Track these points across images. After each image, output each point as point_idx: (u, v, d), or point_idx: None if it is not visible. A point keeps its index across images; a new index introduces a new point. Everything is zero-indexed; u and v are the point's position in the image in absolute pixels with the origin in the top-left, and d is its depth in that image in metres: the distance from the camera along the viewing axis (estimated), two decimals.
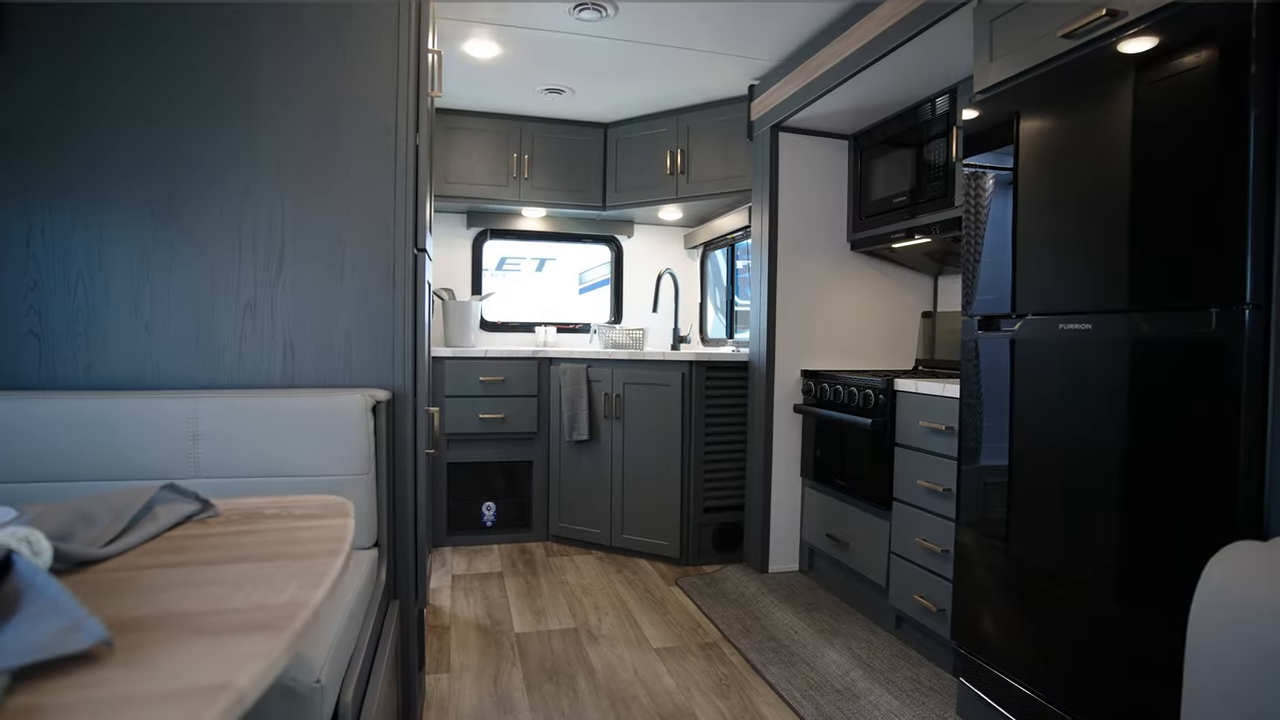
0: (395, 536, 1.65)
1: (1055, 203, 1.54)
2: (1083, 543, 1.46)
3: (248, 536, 0.79)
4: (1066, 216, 1.51)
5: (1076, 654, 1.47)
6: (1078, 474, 1.47)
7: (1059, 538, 1.52)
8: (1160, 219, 1.31)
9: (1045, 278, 1.57)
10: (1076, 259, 1.48)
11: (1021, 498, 1.63)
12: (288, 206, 1.60)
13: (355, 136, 1.63)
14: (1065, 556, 1.51)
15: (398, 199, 1.65)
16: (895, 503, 2.33)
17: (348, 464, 1.48)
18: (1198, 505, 1.23)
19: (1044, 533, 1.56)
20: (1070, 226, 1.50)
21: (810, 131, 2.97)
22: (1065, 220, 1.51)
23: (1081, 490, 1.47)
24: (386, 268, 1.65)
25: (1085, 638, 1.45)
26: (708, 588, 2.84)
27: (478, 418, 3.34)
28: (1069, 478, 1.50)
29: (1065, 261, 1.51)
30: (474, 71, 3.04)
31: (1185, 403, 1.26)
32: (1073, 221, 1.49)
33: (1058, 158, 1.53)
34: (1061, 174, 1.53)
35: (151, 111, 1.53)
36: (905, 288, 3.11)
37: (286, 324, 1.60)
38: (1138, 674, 1.33)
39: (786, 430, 2.98)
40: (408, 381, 1.66)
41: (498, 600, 2.73)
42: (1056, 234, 1.54)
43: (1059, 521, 1.52)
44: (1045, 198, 1.57)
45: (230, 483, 1.42)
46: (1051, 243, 1.55)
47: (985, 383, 1.74)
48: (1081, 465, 1.46)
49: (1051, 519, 1.54)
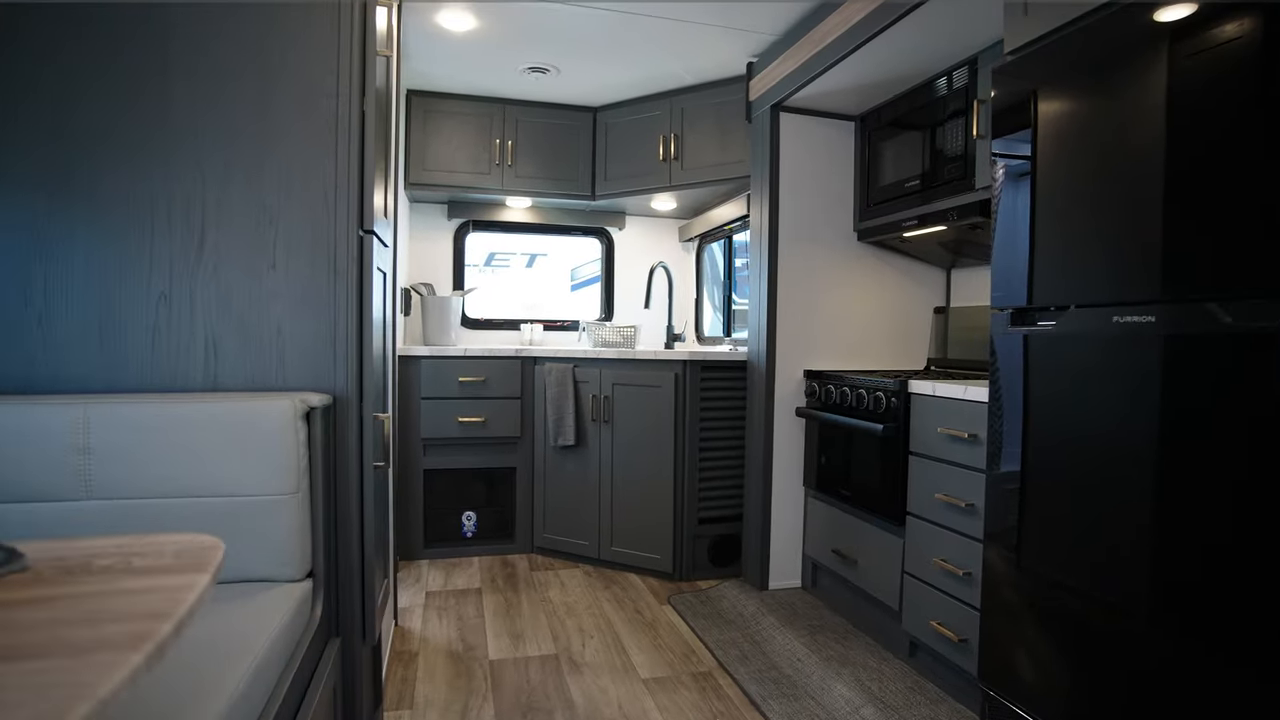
0: (336, 565, 1.42)
1: (1108, 175, 1.31)
2: (1151, 572, 1.24)
3: (44, 607, 0.57)
4: (1121, 190, 1.28)
5: (1141, 707, 1.25)
6: (1142, 488, 1.25)
7: (1118, 565, 1.30)
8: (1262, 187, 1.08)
9: (1093, 264, 1.34)
10: (1133, 240, 1.26)
11: (1069, 517, 1.41)
12: (209, 181, 1.37)
13: (289, 101, 1.40)
14: (1125, 587, 1.28)
15: (340, 173, 1.42)
16: (909, 517, 2.10)
17: (272, 482, 1.26)
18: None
19: (1098, 559, 1.34)
20: (1124, 202, 1.27)
21: (813, 112, 2.75)
22: (1118, 195, 1.29)
23: (1147, 507, 1.24)
24: (327, 252, 1.42)
25: (1158, 689, 1.23)
26: (702, 607, 2.61)
27: (456, 421, 3.11)
28: (1130, 492, 1.27)
29: (1119, 243, 1.29)
30: (450, 47, 2.81)
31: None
32: (1128, 196, 1.27)
33: (1110, 123, 1.31)
34: (1112, 141, 1.30)
35: (41, 75, 1.30)
36: (916, 281, 2.88)
37: (208, 317, 1.38)
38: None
39: (788, 435, 2.76)
40: (352, 384, 1.43)
41: (473, 621, 2.50)
42: (1106, 211, 1.31)
43: (1119, 545, 1.30)
44: (1093, 170, 1.34)
45: (127, 506, 1.19)
46: (1099, 222, 1.32)
47: (1020, 386, 1.52)
48: (1147, 479, 1.24)
49: (1108, 542, 1.32)
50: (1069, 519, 1.39)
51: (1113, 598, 1.29)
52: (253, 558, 1.26)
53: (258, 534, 1.26)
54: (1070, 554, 1.39)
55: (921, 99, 2.39)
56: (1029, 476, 1.50)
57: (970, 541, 1.83)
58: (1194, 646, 1.15)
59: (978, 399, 1.80)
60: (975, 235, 2.35)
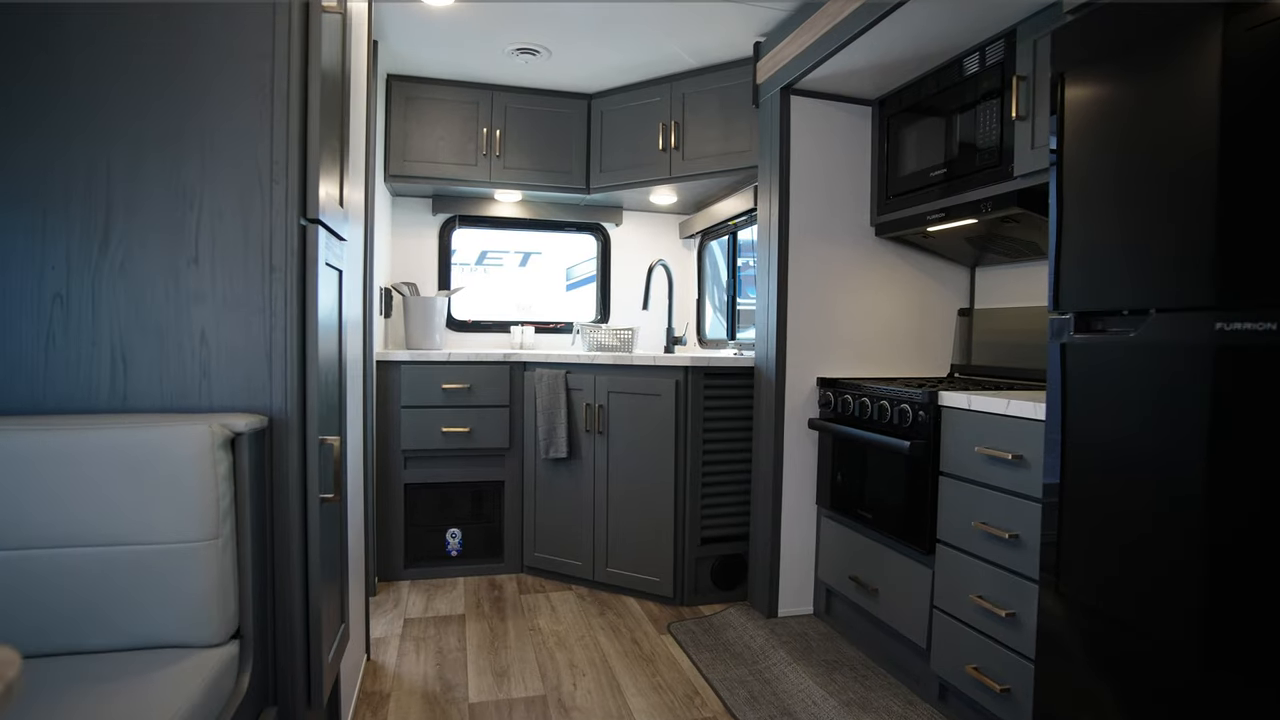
0: (272, 621, 1.18)
1: (1206, 153, 1.08)
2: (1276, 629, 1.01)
3: None
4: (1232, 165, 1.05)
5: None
6: (1252, 524, 1.02)
7: (1222, 617, 1.07)
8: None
9: (1187, 260, 1.11)
10: (1248, 233, 1.03)
11: (1155, 557, 1.18)
12: (116, 159, 1.14)
13: (214, 65, 1.17)
14: (1233, 646, 1.05)
15: (277, 150, 1.18)
16: (940, 545, 1.87)
17: (186, 526, 1.02)
18: None
19: (1191, 604, 1.11)
20: (1236, 185, 1.04)
21: (827, 95, 2.51)
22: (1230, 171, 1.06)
23: (1263, 548, 1.01)
24: (261, 245, 1.19)
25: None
26: (706, 636, 2.38)
27: (440, 431, 2.88)
28: (1221, 533, 1.04)
29: (1226, 236, 1.06)
30: (431, 25, 2.58)
31: None
32: (1243, 176, 1.04)
33: (1204, 83, 1.08)
34: (1200, 104, 1.07)
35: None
36: (938, 280, 2.65)
37: (115, 322, 1.14)
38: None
39: (800, 449, 2.53)
40: (292, 402, 1.19)
41: (454, 655, 2.26)
42: (1204, 196, 1.08)
43: (1224, 595, 1.07)
44: (1193, 146, 1.11)
45: (3, 560, 0.96)
46: (1194, 210, 1.09)
47: (1087, 402, 1.28)
48: (1257, 512, 1.01)
49: (1213, 592, 1.09)
50: (1155, 560, 1.16)
51: (1227, 668, 1.06)
52: (162, 619, 1.03)
53: (169, 590, 1.03)
54: (1160, 602, 1.16)
55: (949, 79, 2.16)
56: (1098, 508, 1.26)
57: (1015, 578, 1.60)
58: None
59: (1024, 415, 1.57)
60: (1009, 229, 2.12)
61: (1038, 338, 2.25)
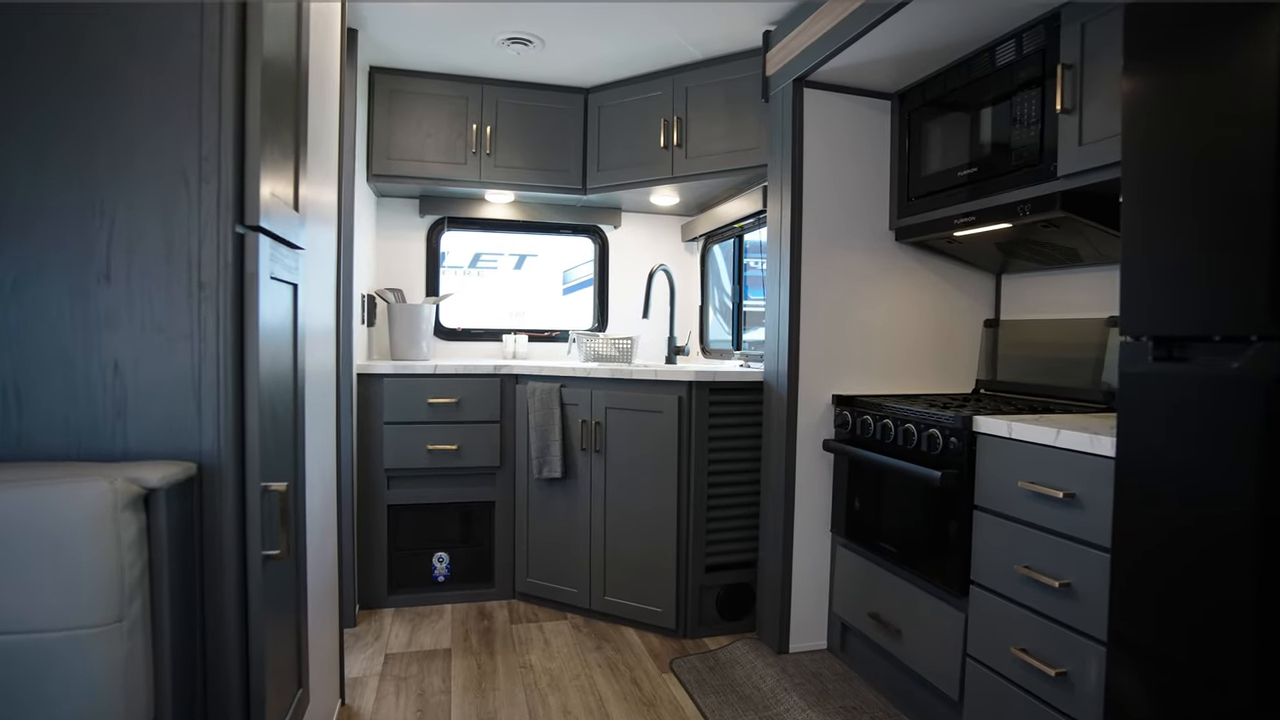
0: (203, 710, 0.99)
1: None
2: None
3: None
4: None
5: None
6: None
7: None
8: None
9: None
10: None
11: (1259, 623, 0.98)
12: (10, 157, 0.94)
13: (129, 46, 0.97)
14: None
15: (206, 144, 0.99)
16: (974, 588, 1.68)
17: (73, 609, 0.83)
18: None
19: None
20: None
21: (843, 88, 2.32)
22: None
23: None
24: (188, 257, 0.99)
25: None
26: (711, 676, 2.19)
27: (425, 449, 2.68)
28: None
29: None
30: (415, 12, 2.38)
31: None
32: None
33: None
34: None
35: None
36: (961, 288, 2.46)
37: (6, 352, 0.95)
38: None
39: (813, 471, 2.33)
40: (226, 444, 1.00)
41: (437, 698, 2.07)
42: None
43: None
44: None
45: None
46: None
47: (1170, 439, 1.09)
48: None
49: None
50: (1259, 626, 0.97)
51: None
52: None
53: (56, 689, 0.83)
54: (1262, 676, 0.96)
55: (980, 69, 1.97)
56: (1182, 562, 1.07)
57: (1066, 632, 1.41)
58: None
59: (1078, 448, 1.37)
60: (1047, 234, 1.92)
61: (1073, 352, 2.06)
